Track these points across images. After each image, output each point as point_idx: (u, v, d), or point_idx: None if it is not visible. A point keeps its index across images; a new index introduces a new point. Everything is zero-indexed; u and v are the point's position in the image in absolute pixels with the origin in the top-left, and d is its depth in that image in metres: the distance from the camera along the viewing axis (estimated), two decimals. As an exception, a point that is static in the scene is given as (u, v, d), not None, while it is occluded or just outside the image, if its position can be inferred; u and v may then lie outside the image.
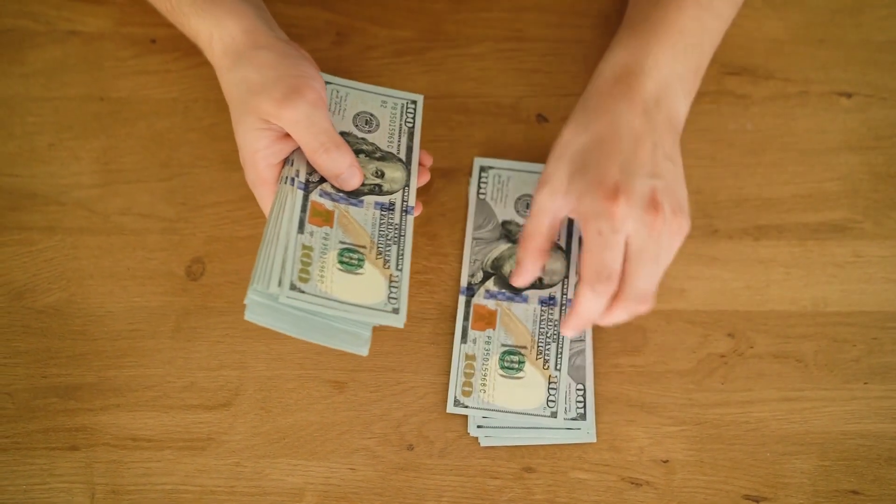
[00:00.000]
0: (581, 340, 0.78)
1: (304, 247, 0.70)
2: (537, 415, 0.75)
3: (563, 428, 0.76)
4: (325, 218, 0.72)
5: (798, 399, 0.78)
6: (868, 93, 0.86)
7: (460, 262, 0.80)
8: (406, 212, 0.74)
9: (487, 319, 0.78)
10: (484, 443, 0.76)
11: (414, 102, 0.79)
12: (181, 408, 0.76)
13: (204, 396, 0.77)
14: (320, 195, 0.72)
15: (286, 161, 0.73)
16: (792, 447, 0.76)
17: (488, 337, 0.77)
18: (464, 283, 0.79)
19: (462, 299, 0.79)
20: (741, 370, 0.78)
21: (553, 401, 0.75)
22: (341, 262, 0.70)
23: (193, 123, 0.84)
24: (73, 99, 0.84)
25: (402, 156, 0.76)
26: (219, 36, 0.73)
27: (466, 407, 0.76)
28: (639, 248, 0.68)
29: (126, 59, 0.86)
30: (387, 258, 0.72)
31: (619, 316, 0.70)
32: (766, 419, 0.77)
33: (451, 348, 0.78)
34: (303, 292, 0.68)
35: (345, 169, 0.72)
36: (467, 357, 0.77)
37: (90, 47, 0.86)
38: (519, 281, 0.74)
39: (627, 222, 0.67)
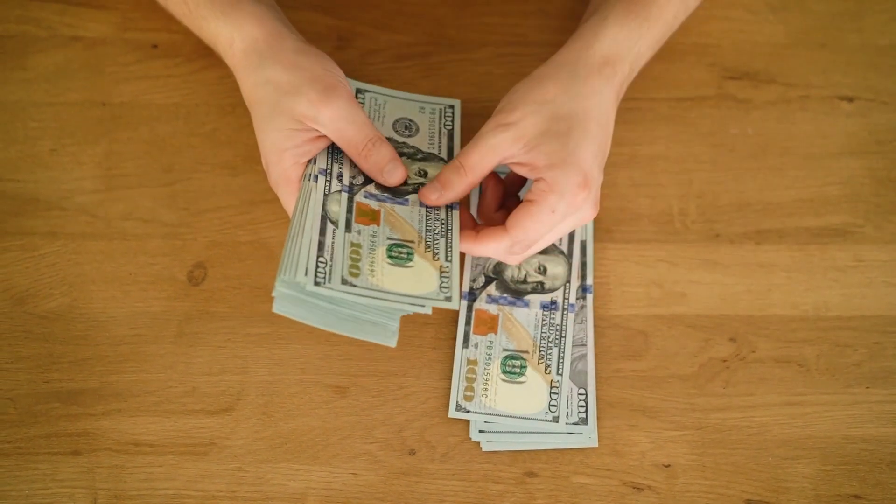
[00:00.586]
0: (583, 345, 0.78)
1: (353, 244, 0.70)
2: (539, 419, 0.75)
3: (564, 433, 0.76)
4: (372, 217, 0.72)
5: (800, 403, 0.78)
6: (869, 97, 0.86)
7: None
8: (452, 207, 0.74)
9: (489, 324, 0.78)
10: (486, 447, 0.76)
11: (451, 107, 0.80)
12: (183, 413, 0.76)
13: (206, 401, 0.77)
14: (365, 196, 0.73)
15: (309, 161, 0.73)
16: (794, 452, 0.76)
17: (490, 342, 0.77)
18: (466, 287, 0.79)
19: (464, 304, 0.79)
20: (743, 375, 0.78)
21: (555, 405, 0.75)
22: (391, 257, 0.71)
23: (195, 128, 0.84)
24: (75, 104, 0.84)
25: (444, 156, 0.77)
26: (240, 38, 0.73)
27: (468, 412, 0.76)
28: (560, 230, 0.72)
29: (128, 65, 0.86)
30: (436, 251, 0.72)
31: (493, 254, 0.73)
32: (767, 424, 0.77)
33: (453, 353, 0.78)
34: (355, 286, 0.68)
35: (388, 161, 0.72)
36: (469, 362, 0.77)
37: (92, 52, 0.86)
38: (434, 198, 0.72)
39: (579, 211, 0.70)
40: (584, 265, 0.80)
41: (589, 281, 0.80)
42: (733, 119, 0.85)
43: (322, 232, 0.70)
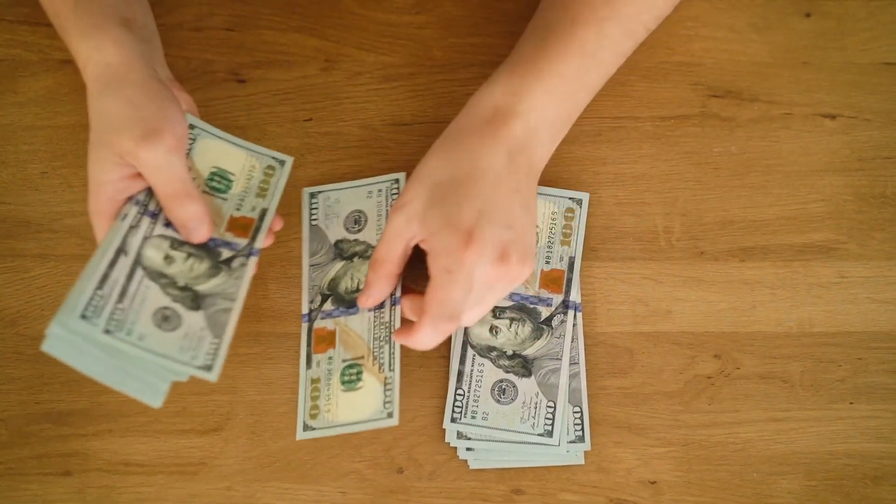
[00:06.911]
0: (576, 363, 0.78)
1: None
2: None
3: (563, 452, 0.76)
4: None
5: (784, 419, 0.78)
6: (851, 115, 0.86)
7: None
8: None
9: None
10: (473, 465, 0.76)
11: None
12: (173, 433, 0.77)
13: (195, 421, 0.77)
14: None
15: (128, 200, 0.73)
16: (779, 467, 0.77)
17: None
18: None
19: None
20: (728, 391, 0.79)
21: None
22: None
23: (184, 150, 0.85)
24: (65, 127, 0.85)
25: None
26: (94, 61, 0.73)
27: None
28: (484, 290, 0.70)
29: (118, 88, 0.86)
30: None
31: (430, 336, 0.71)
32: (752, 440, 0.78)
33: (440, 371, 0.78)
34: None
35: (193, 219, 0.72)
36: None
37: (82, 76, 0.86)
38: (368, 303, 0.74)
39: (476, 268, 0.69)
40: (569, 281, 0.80)
41: (577, 299, 0.80)
42: (717, 137, 0.86)
43: (112, 265, 0.69)
